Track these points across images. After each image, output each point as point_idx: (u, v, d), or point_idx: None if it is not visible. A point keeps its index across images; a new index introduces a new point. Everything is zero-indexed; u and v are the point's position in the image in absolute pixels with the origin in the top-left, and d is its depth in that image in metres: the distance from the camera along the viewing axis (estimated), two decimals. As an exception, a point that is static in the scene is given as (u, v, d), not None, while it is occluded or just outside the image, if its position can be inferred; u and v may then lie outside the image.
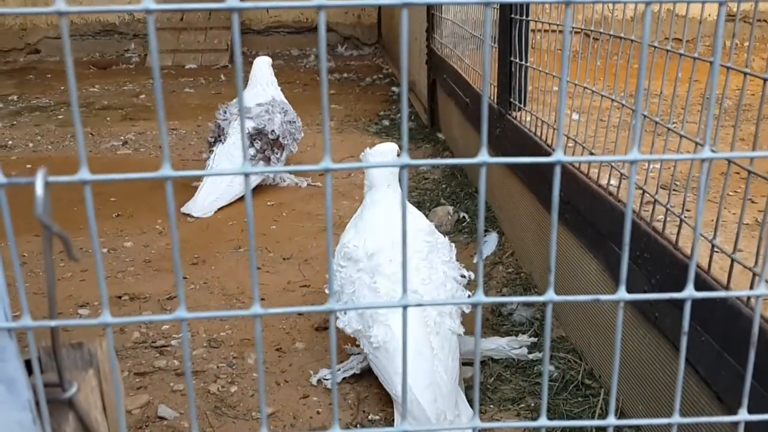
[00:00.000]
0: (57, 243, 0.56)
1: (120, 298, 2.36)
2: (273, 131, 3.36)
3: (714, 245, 1.24)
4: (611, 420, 0.63)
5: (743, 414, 0.64)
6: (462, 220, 2.93)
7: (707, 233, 1.27)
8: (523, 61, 2.43)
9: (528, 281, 2.35)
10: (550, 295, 0.58)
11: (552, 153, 0.57)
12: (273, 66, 3.66)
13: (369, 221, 1.88)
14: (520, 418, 1.70)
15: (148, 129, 4.66)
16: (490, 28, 0.53)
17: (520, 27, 2.41)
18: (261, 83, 3.55)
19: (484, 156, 0.53)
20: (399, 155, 1.95)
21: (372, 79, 6.45)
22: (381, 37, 8.10)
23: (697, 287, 1.21)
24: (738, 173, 1.67)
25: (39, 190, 0.50)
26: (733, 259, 1.19)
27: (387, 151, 1.95)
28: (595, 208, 1.72)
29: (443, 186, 3.36)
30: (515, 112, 2.50)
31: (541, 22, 2.31)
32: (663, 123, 1.48)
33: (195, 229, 2.98)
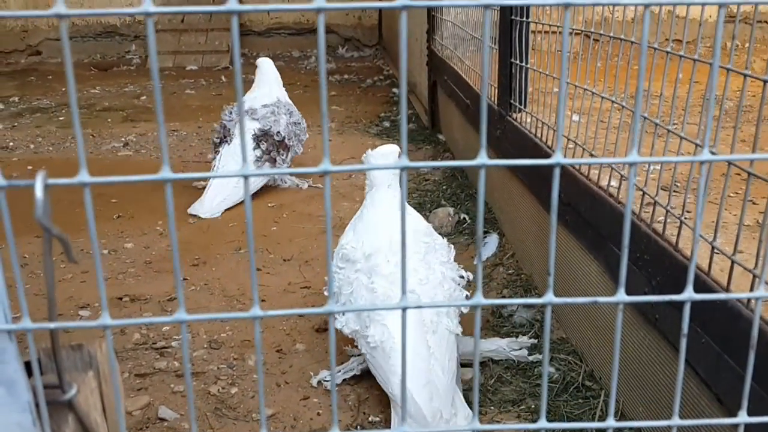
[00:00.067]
0: (57, 245, 0.56)
1: (121, 299, 2.37)
2: (278, 132, 3.36)
3: (714, 247, 1.24)
4: (611, 422, 0.63)
5: (743, 416, 0.64)
6: (462, 221, 2.93)
7: (708, 235, 1.27)
8: (524, 63, 2.43)
9: (528, 283, 2.35)
10: (549, 297, 0.58)
11: (552, 154, 0.57)
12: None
13: (367, 222, 1.88)
14: (520, 419, 1.70)
15: (148, 130, 4.66)
16: (489, 29, 0.53)
17: (520, 28, 2.41)
18: (266, 84, 3.55)
19: (483, 158, 0.53)
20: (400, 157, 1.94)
21: (373, 81, 6.45)
22: (382, 39, 8.10)
23: (697, 289, 1.21)
24: (738, 174, 1.67)
25: (39, 192, 0.50)
26: (733, 261, 1.19)
27: (389, 153, 1.95)
28: (596, 209, 1.72)
29: (444, 187, 3.36)
30: (515, 113, 2.50)
31: (542, 23, 2.31)
32: (663, 125, 1.48)
33: (196, 231, 2.98)
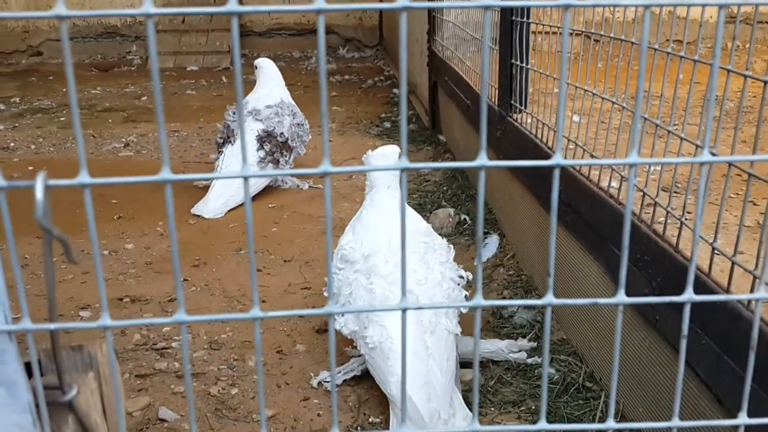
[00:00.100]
0: (58, 246, 0.56)
1: (121, 300, 2.37)
2: (282, 134, 3.37)
3: (714, 248, 1.24)
4: (611, 423, 0.63)
5: (743, 417, 0.64)
6: (463, 222, 2.93)
7: (708, 236, 1.27)
8: (524, 63, 2.43)
9: (529, 284, 2.35)
10: (549, 299, 0.58)
11: (552, 155, 0.57)
12: (273, 68, 3.66)
13: (367, 223, 1.88)
14: (520, 420, 1.70)
15: (149, 131, 4.66)
16: (489, 30, 0.53)
17: (521, 29, 2.41)
18: (269, 84, 3.55)
19: (482, 160, 0.53)
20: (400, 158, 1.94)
21: (373, 81, 6.45)
22: (382, 39, 8.10)
23: (698, 290, 1.21)
24: (739, 175, 1.67)
25: (39, 193, 0.50)
26: (734, 262, 1.19)
27: (389, 154, 1.95)
28: (596, 210, 1.72)
29: (444, 188, 3.36)
30: (516, 114, 2.50)
31: (542, 24, 2.31)
32: (663, 126, 1.48)
33: (196, 231, 2.98)
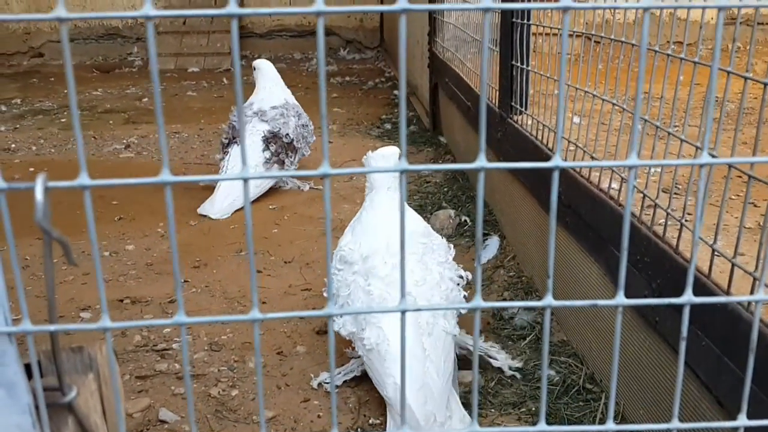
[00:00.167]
0: (58, 247, 0.56)
1: (122, 301, 2.37)
2: (287, 135, 3.38)
3: (714, 249, 1.24)
4: (610, 425, 0.63)
5: (742, 419, 0.64)
6: (463, 223, 2.93)
7: (708, 237, 1.27)
8: (525, 65, 2.43)
9: (529, 285, 2.35)
10: (548, 300, 0.58)
11: (553, 157, 0.57)
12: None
13: (366, 224, 1.88)
14: (521, 422, 1.70)
15: (150, 132, 4.67)
16: (488, 32, 0.53)
17: (521, 30, 2.41)
18: (269, 86, 3.55)
19: (482, 161, 0.53)
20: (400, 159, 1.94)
21: (374, 83, 6.45)
22: (383, 41, 8.11)
23: (698, 292, 1.21)
24: (740, 177, 1.67)
25: (39, 195, 0.50)
26: (734, 264, 1.19)
27: (389, 155, 1.95)
28: (596, 212, 1.72)
29: (445, 189, 3.36)
30: (517, 115, 2.50)
31: (543, 25, 2.31)
32: (663, 127, 1.48)
33: (196, 233, 2.98)
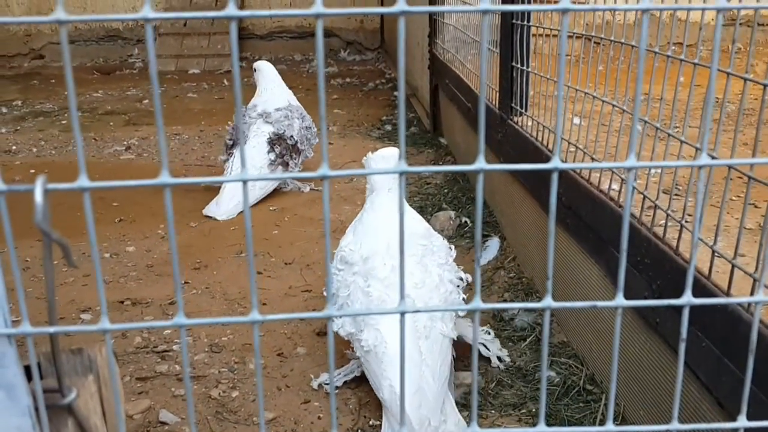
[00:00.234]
0: (58, 249, 0.56)
1: (122, 302, 2.37)
2: (292, 137, 3.38)
3: (714, 251, 1.24)
4: (610, 426, 0.63)
5: (742, 420, 0.64)
6: (464, 225, 2.93)
7: (708, 238, 1.27)
8: (525, 66, 2.43)
9: (530, 286, 2.35)
10: (548, 302, 0.58)
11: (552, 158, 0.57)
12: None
13: (367, 225, 1.88)
14: (521, 423, 1.70)
15: (151, 134, 4.67)
16: (487, 34, 0.53)
17: (521, 32, 2.41)
18: (272, 87, 3.55)
19: (481, 163, 0.53)
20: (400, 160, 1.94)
21: (375, 84, 6.45)
22: (384, 42, 8.11)
23: (698, 293, 1.21)
24: (740, 178, 1.67)
25: (38, 197, 0.50)
26: (734, 265, 1.19)
27: (389, 156, 1.95)
28: (597, 213, 1.72)
29: (445, 191, 3.36)
30: (517, 117, 2.50)
31: (543, 27, 2.31)
32: (663, 128, 1.48)
33: (197, 234, 2.98)
